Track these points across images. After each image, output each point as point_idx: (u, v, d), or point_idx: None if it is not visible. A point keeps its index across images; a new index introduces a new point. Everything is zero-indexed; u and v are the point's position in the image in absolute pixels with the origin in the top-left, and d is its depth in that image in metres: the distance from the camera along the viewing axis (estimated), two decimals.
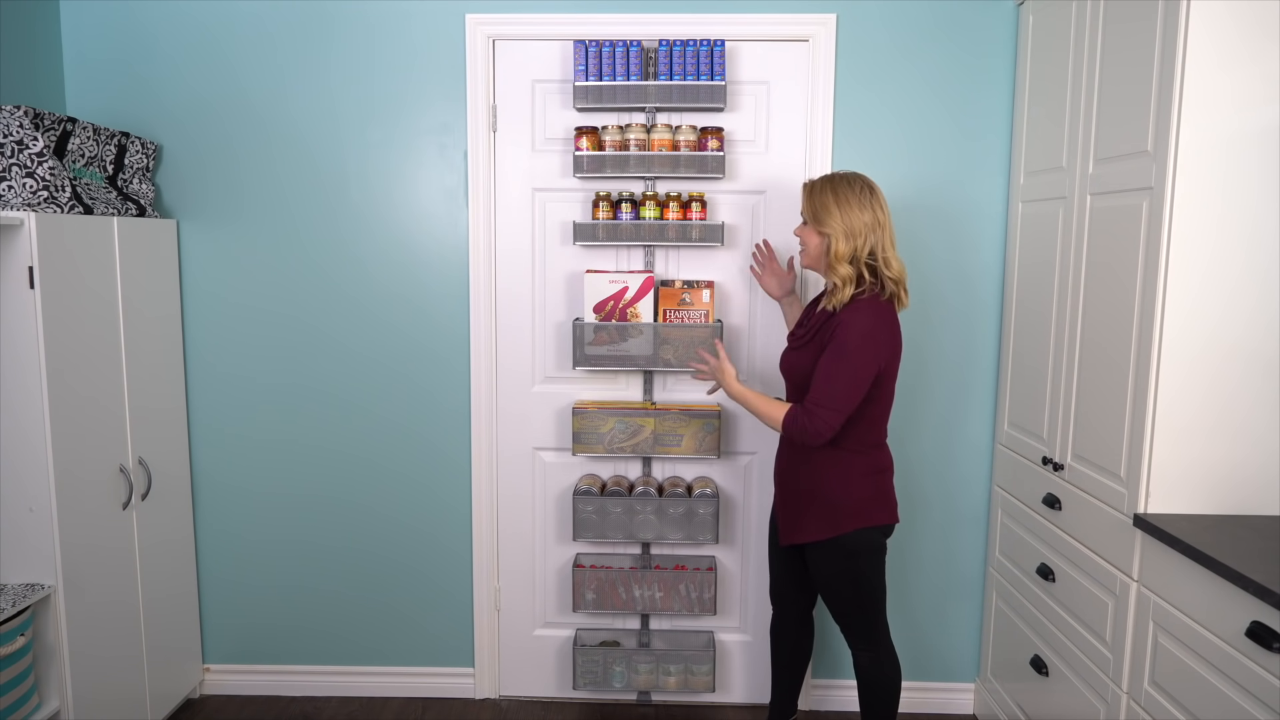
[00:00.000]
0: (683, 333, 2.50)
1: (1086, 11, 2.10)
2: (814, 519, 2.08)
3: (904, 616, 2.76)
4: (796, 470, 2.12)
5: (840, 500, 2.04)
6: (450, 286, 2.67)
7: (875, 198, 2.00)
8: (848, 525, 2.04)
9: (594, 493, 2.59)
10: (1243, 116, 1.72)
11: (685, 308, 2.51)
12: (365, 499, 2.77)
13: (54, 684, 2.14)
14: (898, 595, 2.76)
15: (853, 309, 1.96)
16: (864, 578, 2.08)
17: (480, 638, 2.80)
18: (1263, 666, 1.46)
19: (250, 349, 2.70)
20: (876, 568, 2.09)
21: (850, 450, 2.03)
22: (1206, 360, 1.78)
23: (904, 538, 2.73)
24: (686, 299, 2.51)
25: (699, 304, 2.50)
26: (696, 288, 2.52)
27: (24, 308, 2.03)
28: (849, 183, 2.01)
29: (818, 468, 2.06)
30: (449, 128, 2.61)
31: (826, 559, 2.08)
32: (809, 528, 2.09)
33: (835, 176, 2.04)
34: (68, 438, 2.13)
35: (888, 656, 2.16)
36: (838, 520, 2.04)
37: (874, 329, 1.95)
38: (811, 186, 2.05)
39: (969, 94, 2.55)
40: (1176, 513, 1.82)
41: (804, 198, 2.06)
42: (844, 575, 2.08)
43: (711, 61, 2.45)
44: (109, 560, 2.31)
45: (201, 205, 2.65)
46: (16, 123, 2.07)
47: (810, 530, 2.09)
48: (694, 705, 2.79)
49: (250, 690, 2.85)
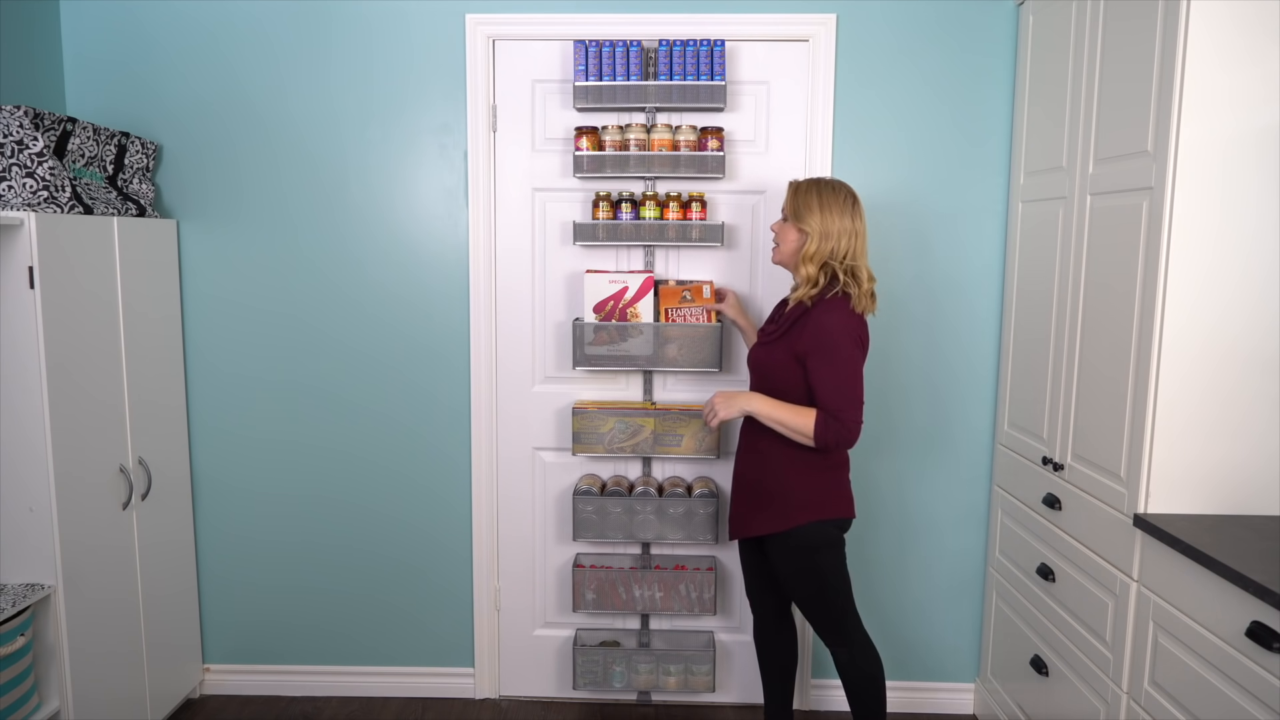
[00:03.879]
0: (683, 332, 2.50)
1: (1086, 11, 2.10)
2: (766, 512, 2.10)
3: (904, 616, 2.77)
4: (751, 465, 2.14)
5: (791, 493, 2.06)
6: (450, 286, 2.67)
7: (857, 208, 2.05)
8: (799, 518, 2.05)
9: (594, 493, 2.59)
10: (1243, 116, 1.72)
11: (686, 305, 2.50)
12: (365, 499, 2.77)
13: (54, 684, 2.14)
14: (898, 595, 2.76)
15: (825, 307, 1.99)
16: (823, 573, 2.08)
17: (480, 638, 2.80)
18: (1263, 666, 1.46)
19: (250, 349, 2.70)
20: (835, 563, 2.10)
21: (805, 446, 2.03)
22: (1206, 360, 1.78)
23: (904, 538, 2.73)
24: (687, 296, 2.51)
25: (700, 299, 2.50)
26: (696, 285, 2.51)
27: (24, 308, 2.03)
28: (834, 189, 2.05)
29: (772, 463, 2.08)
30: (449, 128, 2.61)
31: (784, 556, 2.10)
32: (760, 521, 2.11)
33: (823, 180, 2.08)
34: (68, 438, 2.13)
35: (862, 651, 2.16)
36: (789, 513, 2.06)
37: (848, 324, 1.99)
38: (797, 185, 2.09)
39: (969, 94, 2.55)
40: (1176, 513, 1.82)
41: (788, 194, 2.09)
42: (803, 572, 2.09)
43: (711, 61, 2.45)
44: (109, 560, 2.31)
45: (201, 205, 2.65)
46: (16, 123, 2.07)
47: (761, 523, 2.11)
48: (694, 705, 2.80)
49: (250, 690, 2.85)
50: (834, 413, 1.96)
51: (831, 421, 1.96)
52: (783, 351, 2.05)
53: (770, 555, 2.14)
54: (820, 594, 2.10)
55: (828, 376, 1.97)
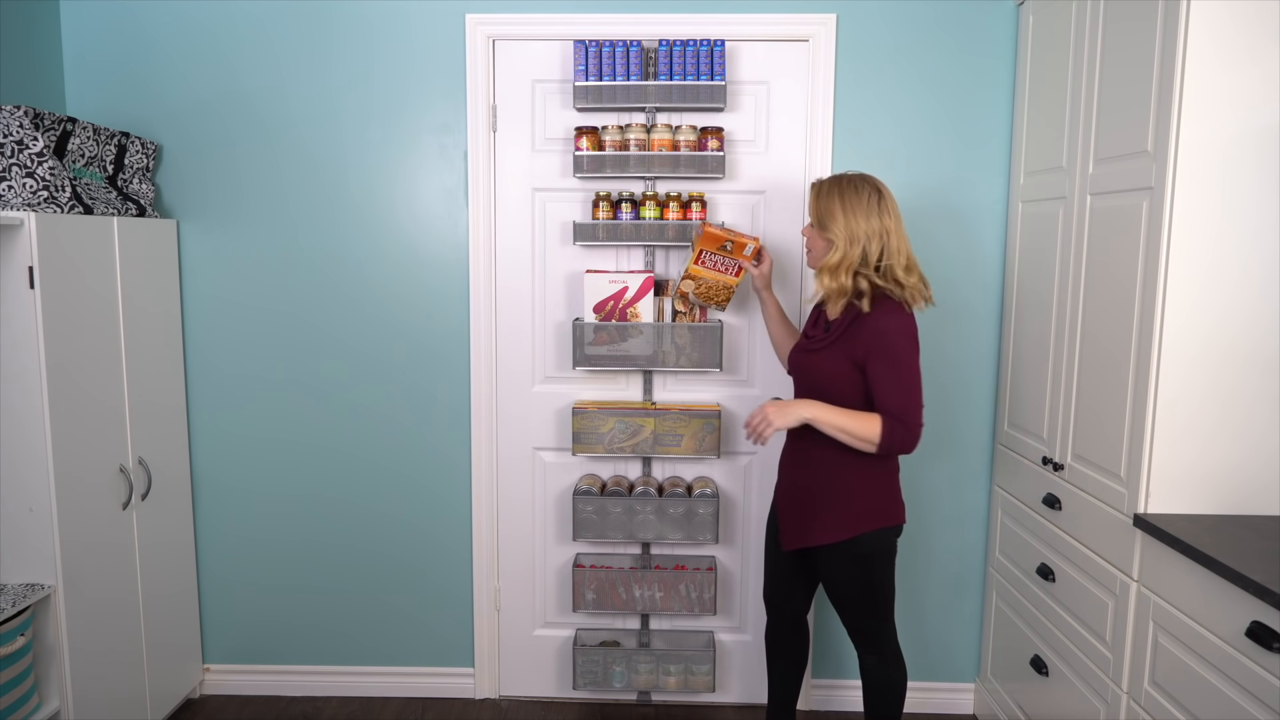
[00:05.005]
0: (683, 332, 2.50)
1: (1086, 11, 2.10)
2: (827, 521, 2.03)
3: (904, 616, 2.76)
4: (805, 474, 2.07)
5: (856, 500, 2.01)
6: (450, 286, 2.67)
7: (884, 204, 1.96)
8: (865, 526, 2.00)
9: (594, 493, 2.59)
10: (1243, 117, 1.72)
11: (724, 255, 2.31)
12: (365, 499, 2.77)
13: (54, 684, 2.14)
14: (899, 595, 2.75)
15: (882, 311, 1.93)
16: (875, 580, 2.05)
17: (480, 637, 2.80)
18: (1263, 666, 1.46)
19: (250, 349, 2.70)
20: (888, 570, 2.07)
21: (859, 452, 1.98)
22: (1206, 360, 1.79)
23: (905, 538, 2.72)
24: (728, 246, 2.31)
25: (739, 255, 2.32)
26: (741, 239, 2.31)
27: (24, 308, 2.02)
28: (857, 188, 1.97)
29: (831, 468, 2.02)
30: (449, 128, 2.61)
31: (839, 563, 2.05)
32: (821, 531, 2.04)
33: (844, 180, 2.00)
34: (68, 438, 2.13)
35: (895, 659, 2.14)
36: (854, 521, 2.00)
37: (904, 324, 1.94)
38: (819, 188, 2.02)
39: (969, 94, 2.55)
40: (1176, 513, 1.82)
41: (810, 198, 2.03)
42: (856, 579, 2.05)
43: (711, 61, 2.45)
44: (109, 560, 2.31)
45: (201, 205, 2.65)
46: (16, 123, 2.07)
47: (823, 533, 2.04)
48: (694, 705, 2.80)
49: (250, 690, 2.85)
50: (899, 416, 1.90)
51: (897, 425, 1.90)
52: (838, 358, 1.97)
53: (822, 563, 2.08)
54: (869, 601, 2.06)
55: (891, 379, 1.91)
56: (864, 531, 2.01)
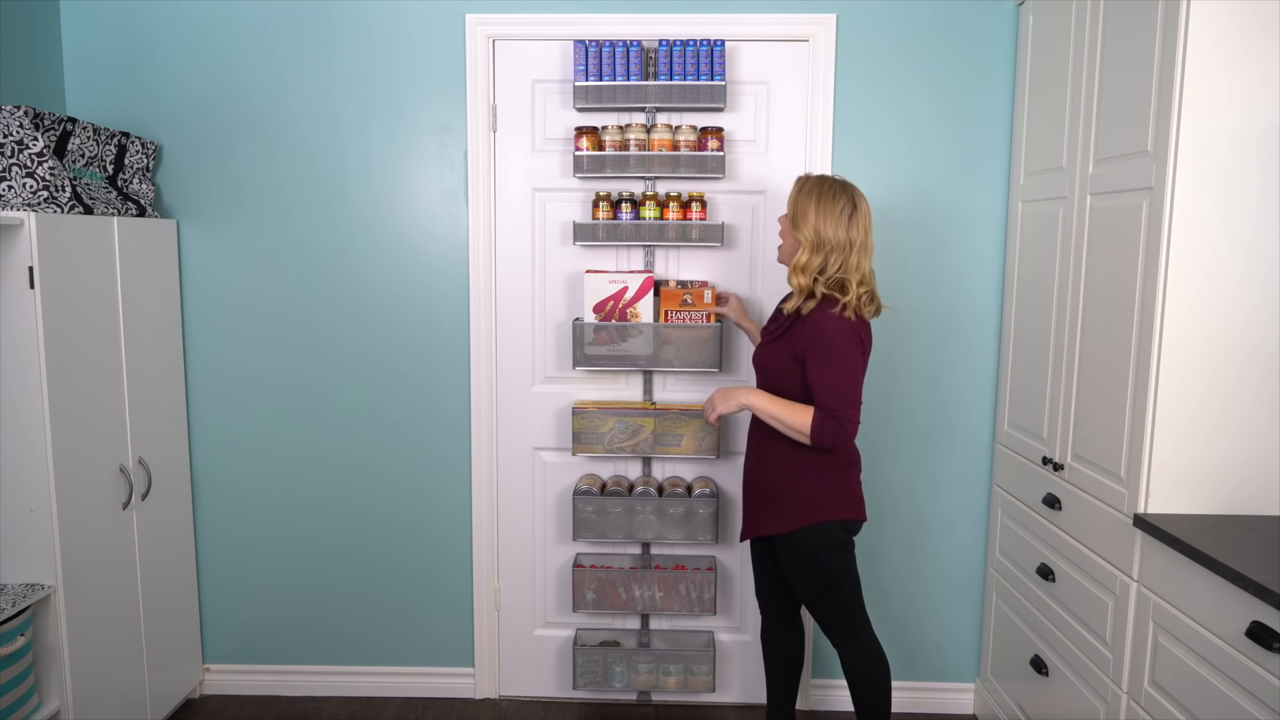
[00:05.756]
0: (683, 333, 2.50)
1: (1086, 11, 2.10)
2: (771, 513, 2.10)
3: (904, 616, 2.77)
4: (760, 466, 2.14)
5: (797, 493, 2.06)
6: (450, 286, 2.67)
7: (855, 217, 2.00)
8: (806, 519, 2.05)
9: (594, 493, 2.59)
10: (1243, 116, 1.72)
11: (686, 309, 2.49)
12: (365, 499, 2.77)
13: (54, 684, 2.14)
14: (898, 595, 2.76)
15: (824, 309, 1.98)
16: (829, 574, 2.08)
17: (480, 638, 2.80)
18: (1263, 666, 1.46)
19: (250, 349, 2.70)
20: (842, 564, 2.09)
21: (810, 447, 2.01)
22: (1206, 360, 1.79)
23: (905, 538, 2.73)
24: (688, 299, 2.50)
25: (700, 304, 2.49)
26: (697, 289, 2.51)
27: (24, 308, 2.02)
28: (834, 196, 2.01)
29: (778, 464, 2.09)
30: (449, 128, 2.61)
31: (790, 556, 2.10)
32: (765, 521, 2.12)
33: (825, 183, 2.04)
34: (68, 438, 2.13)
35: (869, 653, 2.15)
36: (795, 513, 2.06)
37: (845, 323, 1.97)
38: (801, 184, 2.06)
39: (969, 94, 2.55)
40: (1176, 513, 1.82)
41: (792, 191, 2.07)
42: (809, 573, 2.09)
43: (711, 61, 2.45)
44: (109, 560, 2.31)
45: (201, 205, 2.65)
46: (16, 123, 2.07)
47: (766, 524, 2.12)
48: (694, 705, 2.80)
49: (250, 690, 2.85)
50: (831, 410, 1.96)
51: (828, 419, 1.95)
52: (782, 351, 2.05)
53: (778, 556, 2.14)
54: (827, 595, 2.10)
55: (825, 375, 1.96)
56: (805, 524, 2.05)
